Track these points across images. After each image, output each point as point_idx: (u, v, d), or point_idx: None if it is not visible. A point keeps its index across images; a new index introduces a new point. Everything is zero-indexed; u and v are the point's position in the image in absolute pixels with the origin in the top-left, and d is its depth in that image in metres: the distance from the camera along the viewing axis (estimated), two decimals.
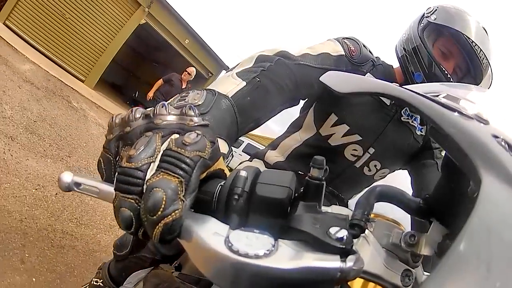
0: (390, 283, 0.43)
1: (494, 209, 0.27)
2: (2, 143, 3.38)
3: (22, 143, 3.70)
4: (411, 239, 0.44)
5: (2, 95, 4.61)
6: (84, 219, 3.03)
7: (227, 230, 0.36)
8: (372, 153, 1.25)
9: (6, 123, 3.89)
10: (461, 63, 1.21)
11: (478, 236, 0.24)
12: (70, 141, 4.80)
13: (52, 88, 6.91)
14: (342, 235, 0.35)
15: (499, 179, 0.29)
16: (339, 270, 0.33)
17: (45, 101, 5.73)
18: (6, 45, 7.65)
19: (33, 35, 9.60)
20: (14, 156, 3.30)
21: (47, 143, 4.14)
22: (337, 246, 0.34)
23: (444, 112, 0.37)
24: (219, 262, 0.34)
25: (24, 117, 4.41)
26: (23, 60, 7.48)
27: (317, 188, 0.41)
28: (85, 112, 7.06)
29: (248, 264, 0.32)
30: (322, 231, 0.36)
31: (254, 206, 0.41)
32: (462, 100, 0.42)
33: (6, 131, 3.68)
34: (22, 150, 3.54)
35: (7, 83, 5.22)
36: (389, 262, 0.44)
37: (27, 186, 2.95)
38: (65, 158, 4.14)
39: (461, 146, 0.33)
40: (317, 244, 0.35)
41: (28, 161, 3.39)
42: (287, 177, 0.43)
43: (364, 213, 0.42)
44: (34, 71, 7.22)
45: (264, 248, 0.34)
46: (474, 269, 0.22)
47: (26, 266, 2.10)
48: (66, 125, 5.28)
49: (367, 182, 1.34)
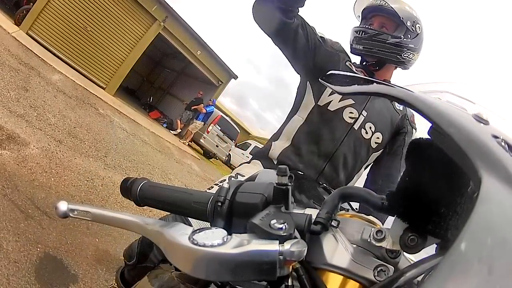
0: (360, 277, 0.45)
1: (494, 209, 0.26)
2: (53, 145, 4.16)
3: (68, 145, 4.49)
4: (378, 234, 0.47)
5: (44, 105, 5.35)
6: (126, 202, 3.79)
7: (192, 230, 0.43)
8: (366, 115, 1.46)
9: (53, 129, 4.67)
10: (379, 19, 1.51)
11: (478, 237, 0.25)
12: (104, 144, 5.60)
13: (81, 97, 7.66)
14: (281, 226, 0.42)
15: (499, 179, 0.29)
16: (278, 252, 0.39)
17: (78, 109, 6.52)
18: (34, 56, 8.21)
19: (57, 45, 10.23)
20: (65, 155, 4.09)
21: (87, 145, 4.95)
22: (275, 233, 0.41)
23: (444, 112, 0.37)
24: (184, 253, 0.42)
25: (65, 124, 5.21)
26: (52, 71, 8.14)
27: (283, 193, 0.47)
28: (110, 118, 7.83)
29: (205, 252, 0.39)
30: (266, 223, 0.42)
31: (235, 211, 0.49)
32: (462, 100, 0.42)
33: (54, 136, 4.47)
34: (70, 151, 4.34)
35: (44, 94, 5.94)
36: (360, 258, 0.47)
37: (80, 178, 3.78)
38: (102, 157, 4.94)
39: (461, 146, 0.33)
40: (263, 234, 0.42)
41: (76, 160, 4.19)
42: (263, 186, 0.50)
43: (327, 212, 0.48)
44: (63, 81, 7.91)
45: (218, 239, 0.40)
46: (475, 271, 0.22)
47: (91, 231, 2.89)
48: (98, 130, 6.08)
49: (366, 150, 1.50)
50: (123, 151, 5.91)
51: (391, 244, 0.46)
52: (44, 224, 2.56)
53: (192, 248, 0.40)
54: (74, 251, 2.49)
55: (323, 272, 0.47)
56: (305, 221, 0.46)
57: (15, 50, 7.32)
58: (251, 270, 0.39)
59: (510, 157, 0.32)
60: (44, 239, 2.40)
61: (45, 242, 2.38)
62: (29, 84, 5.76)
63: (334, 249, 0.48)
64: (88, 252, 2.59)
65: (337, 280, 0.47)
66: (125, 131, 7.52)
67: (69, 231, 2.67)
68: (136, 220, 0.53)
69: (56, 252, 2.36)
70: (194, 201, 0.54)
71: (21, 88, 5.27)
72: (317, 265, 0.48)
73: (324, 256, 0.48)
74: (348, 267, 0.46)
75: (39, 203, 2.77)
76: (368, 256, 0.47)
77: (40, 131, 4.28)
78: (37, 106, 5.01)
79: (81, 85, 8.71)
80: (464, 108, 0.42)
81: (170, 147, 10.11)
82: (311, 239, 0.48)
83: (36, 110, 4.85)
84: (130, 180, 0.67)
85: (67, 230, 2.66)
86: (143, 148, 7.43)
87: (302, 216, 0.47)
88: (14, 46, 7.71)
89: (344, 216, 0.53)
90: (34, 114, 4.68)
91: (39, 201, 2.80)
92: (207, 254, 0.39)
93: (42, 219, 2.59)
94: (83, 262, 2.45)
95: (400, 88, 0.44)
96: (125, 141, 6.61)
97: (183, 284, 0.69)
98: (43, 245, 2.34)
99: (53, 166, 3.60)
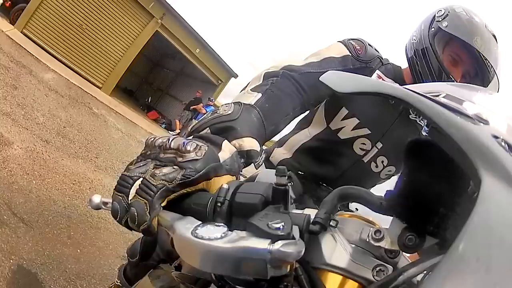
0: (359, 276, 0.46)
1: (494, 209, 0.26)
2: (40, 145, 3.89)
3: (56, 145, 4.22)
4: (376, 234, 0.48)
5: (33, 103, 5.12)
6: None
7: (196, 225, 0.45)
8: (380, 147, 1.25)
9: (40, 128, 4.41)
10: (469, 71, 1.22)
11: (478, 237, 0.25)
12: (96, 144, 5.33)
13: (74, 96, 7.44)
14: (279, 225, 0.42)
15: (499, 179, 0.29)
16: (267, 251, 0.39)
17: (70, 108, 6.28)
18: (28, 54, 8.09)
19: (52, 44, 10.07)
20: (51, 156, 3.81)
21: (77, 146, 4.67)
22: (273, 233, 0.41)
23: (444, 112, 0.37)
24: (185, 245, 0.44)
25: (55, 123, 4.95)
26: (45, 69, 7.99)
27: (282, 193, 0.48)
28: (105, 118, 7.60)
29: (204, 244, 0.41)
30: (265, 223, 0.43)
31: (235, 211, 0.49)
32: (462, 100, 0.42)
33: (41, 136, 4.21)
34: (57, 152, 4.06)
35: (35, 92, 5.74)
36: (358, 257, 0.48)
37: (66, 181, 3.48)
38: (93, 159, 4.66)
39: (461, 146, 0.33)
40: (261, 234, 0.42)
41: (64, 161, 3.91)
42: (262, 186, 0.50)
43: (325, 212, 0.49)
44: (56, 80, 7.73)
45: (218, 234, 0.42)
46: (473, 270, 0.23)
47: (72, 241, 2.60)
48: (90, 130, 5.81)
49: (373, 181, 1.35)
50: (116, 152, 5.63)
51: (390, 244, 0.46)
52: (20, 232, 2.30)
53: (191, 239, 0.42)
54: (51, 264, 2.22)
55: (322, 272, 0.48)
56: (303, 221, 0.46)
57: (8, 49, 7.16)
58: (243, 266, 0.40)
59: (510, 157, 0.32)
60: (19, 250, 2.15)
61: (20, 253, 2.13)
62: (18, 82, 5.57)
63: (333, 249, 0.48)
64: (68, 265, 2.32)
65: (336, 280, 0.48)
66: (120, 131, 7.25)
67: (47, 240, 2.39)
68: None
69: (31, 265, 2.10)
70: (193, 203, 0.54)
71: (9, 86, 5.07)
72: (316, 265, 0.49)
73: (323, 256, 0.49)
74: (347, 267, 0.47)
75: (16, 209, 2.51)
76: (367, 256, 0.48)
77: (26, 130, 4.04)
78: (25, 105, 4.78)
79: (75, 84, 8.53)
80: (464, 108, 0.41)
81: None
82: (310, 239, 0.48)
83: (24, 109, 4.62)
84: None
85: (45, 239, 2.38)
86: (139, 149, 6.89)
87: (301, 216, 0.47)
88: (7, 44, 7.57)
89: (343, 216, 0.55)
90: (21, 112, 4.45)
91: (17, 207, 2.54)
92: (204, 246, 0.41)
93: (18, 227, 2.33)
94: (60, 276, 2.18)
95: (400, 88, 0.44)
96: (119, 141, 6.33)
97: (183, 284, 0.72)
98: (17, 256, 2.09)
99: (37, 167, 3.33)
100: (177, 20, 11.68)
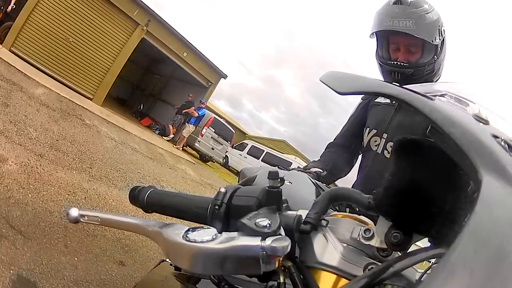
0: (351, 275, 0.47)
1: (494, 209, 0.26)
2: (34, 160, 3.98)
3: (50, 159, 4.31)
4: (366, 233, 0.48)
5: (25, 119, 5.20)
6: None
7: (186, 229, 0.46)
8: (386, 137, 1.46)
9: (33, 143, 4.50)
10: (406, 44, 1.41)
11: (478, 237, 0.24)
12: (89, 154, 5.42)
13: (66, 109, 7.50)
14: (265, 224, 0.43)
15: (499, 179, 0.28)
16: (260, 247, 0.40)
17: (62, 121, 6.36)
18: (17, 72, 8.10)
19: (40, 60, 10.13)
20: (45, 170, 3.91)
21: (70, 157, 4.77)
22: (260, 231, 0.42)
23: (444, 112, 0.37)
24: (178, 249, 0.44)
25: (47, 137, 5.03)
26: (36, 85, 8.01)
27: (275, 195, 0.50)
28: (97, 128, 7.67)
29: (195, 247, 0.42)
30: (253, 222, 0.44)
31: (232, 213, 0.52)
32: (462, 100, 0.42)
33: (35, 150, 4.30)
34: (51, 165, 4.16)
35: (26, 108, 5.79)
36: (350, 256, 0.48)
37: (61, 192, 3.59)
38: (87, 169, 4.75)
39: (461, 146, 0.33)
40: (249, 232, 0.43)
41: (58, 173, 4.01)
42: (257, 190, 0.52)
43: (316, 212, 0.50)
44: (47, 94, 7.77)
45: (208, 236, 0.43)
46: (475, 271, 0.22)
47: (69, 250, 2.69)
48: (83, 141, 5.90)
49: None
50: (111, 161, 5.73)
51: (380, 243, 0.47)
52: (18, 244, 2.39)
53: (184, 244, 0.43)
54: (49, 272, 2.31)
55: (315, 271, 0.48)
56: (294, 220, 0.49)
57: None
58: (237, 264, 0.41)
59: (510, 157, 0.32)
60: (18, 260, 2.23)
61: (19, 263, 2.22)
62: (10, 100, 5.63)
63: (324, 248, 0.49)
64: (65, 272, 2.41)
65: (329, 278, 0.48)
66: (113, 140, 7.34)
67: (45, 250, 2.49)
68: (138, 222, 0.55)
69: (30, 274, 2.19)
70: (195, 206, 0.57)
71: (1, 105, 5.14)
72: (309, 263, 0.49)
73: (315, 255, 0.49)
74: (338, 265, 0.47)
75: (14, 222, 2.60)
76: (359, 254, 0.48)
77: (20, 146, 4.13)
78: (17, 121, 4.86)
79: (66, 97, 8.58)
80: (464, 108, 0.42)
81: (163, 154, 9.93)
82: (303, 239, 0.50)
83: (17, 125, 4.71)
84: (138, 188, 0.68)
85: (42, 249, 2.48)
86: (133, 157, 7.26)
87: (292, 216, 0.50)
88: None
89: (336, 216, 0.55)
90: (14, 129, 4.53)
91: (14, 220, 2.64)
92: (197, 249, 0.42)
93: (16, 239, 2.42)
94: (58, 284, 2.27)
95: (400, 88, 0.44)
96: (113, 150, 6.43)
97: (182, 284, 0.73)
98: (16, 267, 2.17)
99: (32, 181, 3.43)
100: (162, 26, 11.80)
